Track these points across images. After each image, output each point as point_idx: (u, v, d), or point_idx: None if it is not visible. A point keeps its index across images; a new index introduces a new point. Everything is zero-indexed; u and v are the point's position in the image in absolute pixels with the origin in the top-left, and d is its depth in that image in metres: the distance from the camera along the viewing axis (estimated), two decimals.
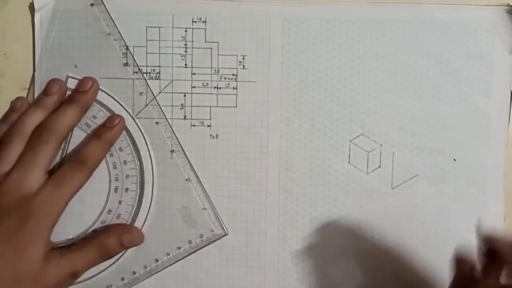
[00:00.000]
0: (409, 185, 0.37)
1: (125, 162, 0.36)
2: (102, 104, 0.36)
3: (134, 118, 0.36)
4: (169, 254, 0.36)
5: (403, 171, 0.37)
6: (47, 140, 0.33)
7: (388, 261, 0.36)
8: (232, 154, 0.37)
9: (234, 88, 0.37)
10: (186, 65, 0.37)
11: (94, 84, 0.35)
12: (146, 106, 0.36)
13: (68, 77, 0.36)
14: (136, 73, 0.36)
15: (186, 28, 0.36)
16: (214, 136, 0.37)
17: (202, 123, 0.37)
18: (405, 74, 0.37)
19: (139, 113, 0.36)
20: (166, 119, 0.36)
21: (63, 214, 0.35)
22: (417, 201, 0.37)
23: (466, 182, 0.37)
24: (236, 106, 0.37)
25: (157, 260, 0.36)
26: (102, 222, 0.36)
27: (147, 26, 0.36)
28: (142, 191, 0.36)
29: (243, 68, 0.37)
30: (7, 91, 0.36)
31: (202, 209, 0.36)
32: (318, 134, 0.37)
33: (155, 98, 0.36)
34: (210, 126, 0.37)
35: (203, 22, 0.36)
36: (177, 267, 0.36)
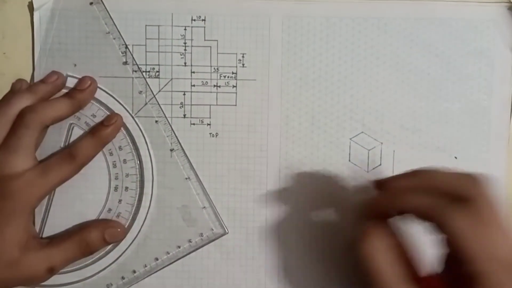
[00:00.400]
0: None
1: (124, 161, 0.36)
2: (101, 103, 0.36)
3: (133, 117, 0.36)
4: (169, 253, 0.36)
5: (404, 169, 0.36)
6: (28, 124, 0.32)
7: None
8: (232, 152, 0.36)
9: (233, 86, 0.36)
10: (185, 63, 0.36)
11: (92, 83, 0.35)
12: (146, 104, 0.36)
13: (67, 76, 0.36)
14: (135, 71, 0.36)
15: (186, 26, 0.36)
16: (213, 134, 0.37)
17: (202, 122, 0.37)
18: (405, 71, 0.37)
19: (139, 111, 0.36)
20: (166, 118, 0.36)
21: (63, 212, 0.36)
22: None
23: None
24: (236, 105, 0.37)
25: (157, 259, 0.36)
26: None
27: (146, 25, 0.36)
28: (142, 190, 0.36)
29: (243, 66, 0.36)
30: (7, 91, 0.36)
31: (202, 208, 0.36)
32: (318, 132, 0.37)
33: (155, 96, 0.36)
34: (209, 124, 0.37)
35: (203, 20, 0.36)
36: (177, 266, 0.36)
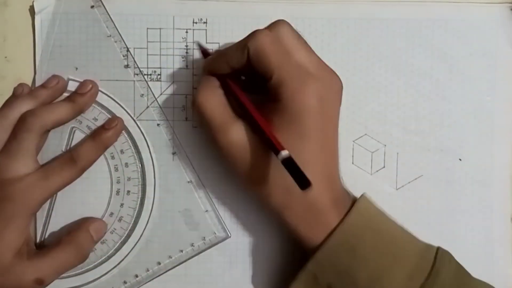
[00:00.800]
0: (413, 185, 0.36)
1: (126, 164, 0.36)
2: (103, 106, 0.36)
3: (135, 120, 0.36)
4: (171, 257, 0.36)
5: (408, 172, 0.36)
6: (29, 128, 0.32)
7: None
8: None
9: None
10: (187, 66, 0.36)
11: (93, 87, 0.35)
12: (147, 108, 0.36)
13: (68, 79, 0.36)
14: (137, 75, 0.36)
15: (187, 29, 0.36)
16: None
17: (204, 131, 0.36)
18: (408, 72, 0.36)
19: (140, 115, 0.36)
20: (168, 121, 0.36)
21: (65, 216, 0.35)
22: (422, 202, 0.36)
23: (472, 181, 0.36)
24: None
25: (159, 263, 0.36)
26: None
27: (148, 28, 0.36)
28: (144, 194, 0.36)
29: None
30: (8, 94, 0.36)
31: (204, 211, 0.36)
32: None
33: (156, 100, 0.36)
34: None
35: (204, 22, 0.36)
36: (179, 270, 0.36)
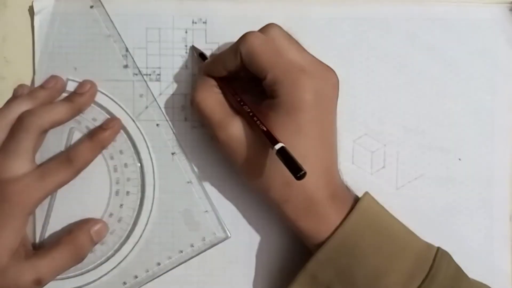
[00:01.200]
0: (414, 185, 0.36)
1: (126, 165, 0.36)
2: (102, 106, 0.36)
3: (134, 121, 0.36)
4: (171, 258, 0.36)
5: (408, 171, 0.36)
6: (27, 128, 0.32)
7: None
8: None
9: None
10: (186, 66, 0.36)
11: (92, 87, 0.35)
12: (147, 108, 0.36)
13: (68, 80, 0.36)
14: (136, 75, 0.36)
15: (187, 29, 0.36)
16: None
17: (203, 125, 0.36)
18: (408, 72, 0.36)
19: (140, 115, 0.36)
20: (167, 121, 0.36)
21: (65, 217, 0.35)
22: (422, 201, 0.36)
23: (472, 181, 0.36)
24: None
25: (159, 263, 0.36)
26: None
27: (147, 28, 0.36)
28: (143, 194, 0.36)
29: None
30: (8, 95, 0.36)
31: (204, 212, 0.36)
32: None
33: (156, 100, 0.36)
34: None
35: (204, 22, 0.36)
36: (179, 271, 0.36)
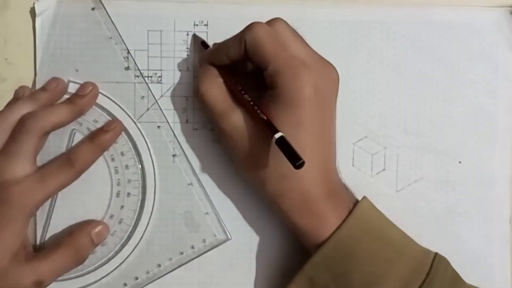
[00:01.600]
0: (414, 187, 0.36)
1: (127, 166, 0.36)
2: (103, 108, 0.36)
3: (135, 122, 0.36)
4: (171, 259, 0.36)
5: (408, 174, 0.36)
6: (28, 130, 0.32)
7: None
8: None
9: None
10: (188, 68, 0.36)
11: (93, 89, 0.35)
12: (148, 110, 0.36)
13: (69, 81, 0.36)
14: (137, 77, 0.36)
15: (188, 31, 0.36)
16: (216, 140, 0.36)
17: (205, 127, 0.36)
18: (409, 75, 0.36)
19: (141, 117, 0.36)
20: (168, 123, 0.36)
21: (65, 218, 0.35)
22: (422, 204, 0.36)
23: (471, 184, 0.36)
24: None
25: (159, 265, 0.36)
26: None
27: (149, 30, 0.36)
28: (144, 196, 0.36)
29: None
30: (9, 96, 0.36)
31: (205, 213, 0.36)
32: None
33: (157, 102, 0.36)
34: (212, 129, 0.36)
35: (205, 25, 0.36)
36: (180, 272, 0.36)
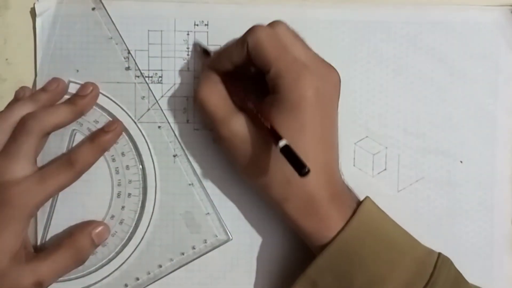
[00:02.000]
0: (415, 188, 0.36)
1: (127, 167, 0.36)
2: (104, 108, 0.36)
3: (136, 123, 0.36)
4: (172, 260, 0.36)
5: (409, 174, 0.36)
6: (29, 131, 0.32)
7: None
8: None
9: None
10: (188, 68, 0.36)
11: (94, 90, 0.35)
12: (149, 110, 0.36)
13: (69, 82, 0.36)
14: (138, 77, 0.36)
15: (188, 31, 0.36)
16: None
17: (205, 127, 0.36)
18: (409, 75, 0.36)
19: (141, 117, 0.36)
20: (169, 123, 0.36)
21: (66, 219, 0.35)
22: (423, 204, 0.36)
23: (472, 184, 0.36)
24: None
25: (160, 266, 0.36)
26: None
27: (149, 30, 0.36)
28: (145, 196, 0.36)
29: None
30: (9, 97, 0.36)
31: (206, 214, 0.36)
32: None
33: (157, 102, 0.36)
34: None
35: (205, 25, 0.36)
36: (180, 273, 0.36)
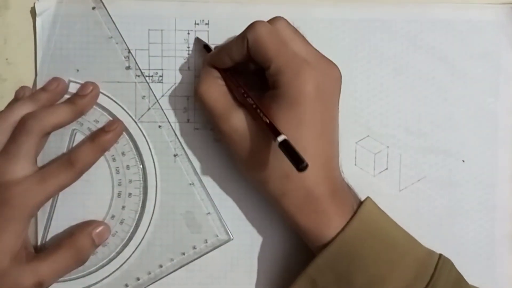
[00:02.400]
0: (416, 187, 0.36)
1: (128, 166, 0.36)
2: (104, 108, 0.36)
3: (136, 122, 0.36)
4: (173, 260, 0.36)
5: (411, 173, 0.36)
6: (29, 131, 0.32)
7: None
8: None
9: None
10: (189, 67, 0.36)
11: (94, 89, 0.35)
12: (149, 109, 0.36)
13: (70, 81, 0.36)
14: (138, 76, 0.36)
15: (189, 30, 0.36)
16: (217, 139, 0.36)
17: (206, 127, 0.36)
18: (410, 74, 0.36)
19: (142, 117, 0.36)
20: (169, 123, 0.36)
21: (66, 219, 0.35)
22: (424, 203, 0.36)
23: (474, 183, 0.36)
24: None
25: (161, 266, 0.36)
26: None
27: (149, 29, 0.36)
28: (145, 196, 0.36)
29: None
30: (9, 97, 0.35)
31: (206, 213, 0.36)
32: None
33: (158, 101, 0.36)
34: (213, 129, 0.36)
35: (206, 24, 0.36)
36: (181, 273, 0.36)
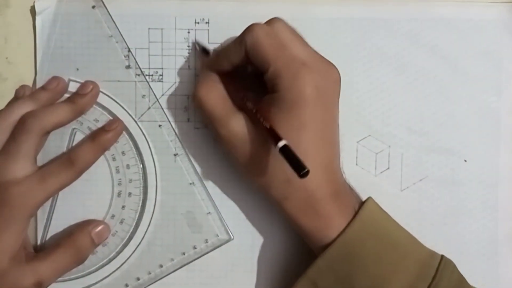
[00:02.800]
0: (418, 187, 0.36)
1: (128, 166, 0.36)
2: (104, 107, 0.35)
3: (136, 121, 0.36)
4: (173, 260, 0.36)
5: (412, 173, 0.36)
6: (29, 130, 0.32)
7: None
8: None
9: None
10: (189, 66, 0.36)
11: (94, 88, 0.35)
12: (149, 109, 0.36)
13: (70, 80, 0.35)
14: (138, 75, 0.36)
15: (189, 29, 0.36)
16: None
17: (206, 126, 0.36)
18: (411, 73, 0.36)
19: (142, 116, 0.36)
20: (169, 122, 0.36)
21: (66, 219, 0.35)
22: (426, 203, 0.36)
23: (476, 183, 0.36)
24: None
25: (161, 265, 0.36)
26: None
27: (149, 28, 0.36)
28: (145, 196, 0.36)
29: None
30: (9, 96, 0.35)
31: (207, 213, 0.36)
32: None
33: (158, 100, 0.36)
34: (212, 134, 0.36)
35: (206, 23, 0.36)
36: (181, 273, 0.36)
